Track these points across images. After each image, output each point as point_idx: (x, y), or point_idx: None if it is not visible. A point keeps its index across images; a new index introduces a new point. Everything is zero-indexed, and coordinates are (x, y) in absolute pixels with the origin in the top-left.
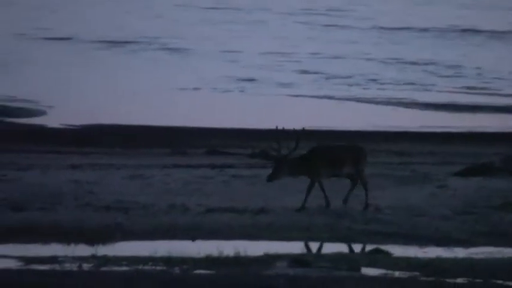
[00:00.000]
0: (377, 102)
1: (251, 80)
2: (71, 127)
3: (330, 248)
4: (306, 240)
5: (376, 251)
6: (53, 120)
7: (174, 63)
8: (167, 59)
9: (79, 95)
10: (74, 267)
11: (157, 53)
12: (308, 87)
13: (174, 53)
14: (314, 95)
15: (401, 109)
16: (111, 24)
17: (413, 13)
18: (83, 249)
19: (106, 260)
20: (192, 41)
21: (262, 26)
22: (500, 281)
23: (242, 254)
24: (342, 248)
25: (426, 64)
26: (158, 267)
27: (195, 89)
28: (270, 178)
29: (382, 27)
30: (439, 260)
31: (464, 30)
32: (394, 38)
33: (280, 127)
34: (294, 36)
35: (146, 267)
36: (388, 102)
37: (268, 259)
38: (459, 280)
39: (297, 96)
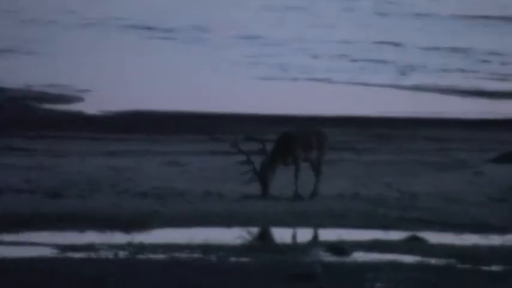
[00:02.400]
0: (414, 89)
1: (287, 65)
2: (108, 113)
3: (365, 235)
4: (342, 227)
5: (412, 238)
6: (90, 107)
7: (210, 48)
8: (204, 44)
9: (116, 81)
10: (110, 255)
11: (194, 36)
12: (344, 74)
13: (210, 38)
14: (350, 82)
15: (438, 95)
16: (148, 9)
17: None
18: (119, 237)
19: (142, 247)
20: (225, 27)
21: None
22: None
23: (278, 241)
24: (377, 235)
25: (465, 51)
26: (195, 255)
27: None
28: (265, 194)
29: (419, 14)
30: (475, 247)
31: (505, 18)
32: (431, 24)
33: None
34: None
35: (182, 255)
36: (426, 89)
37: (305, 246)
38: (495, 267)
39: (333, 83)
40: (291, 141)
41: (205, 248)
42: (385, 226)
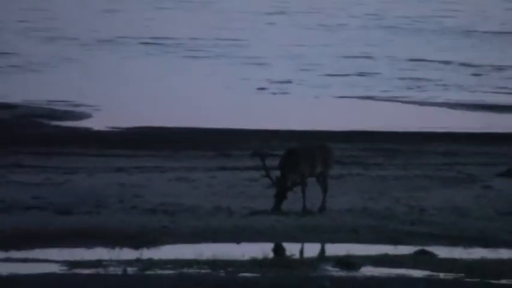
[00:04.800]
0: (421, 104)
1: (291, 81)
2: (117, 130)
3: (374, 249)
4: (352, 241)
5: (422, 252)
6: (98, 123)
7: (218, 65)
8: (212, 61)
9: (124, 97)
10: (118, 271)
11: (202, 54)
12: (348, 88)
13: (220, 54)
14: (355, 96)
15: (446, 109)
16: (157, 26)
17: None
18: (127, 253)
19: (151, 263)
20: (233, 44)
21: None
22: None
23: (287, 256)
24: (387, 249)
25: (471, 66)
26: (203, 271)
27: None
28: (278, 209)
29: (420, 29)
30: (484, 262)
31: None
32: (436, 39)
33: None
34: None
35: (191, 271)
36: (433, 103)
37: (314, 261)
38: (504, 281)
39: (339, 97)
40: (297, 157)
41: (214, 264)
42: (394, 241)
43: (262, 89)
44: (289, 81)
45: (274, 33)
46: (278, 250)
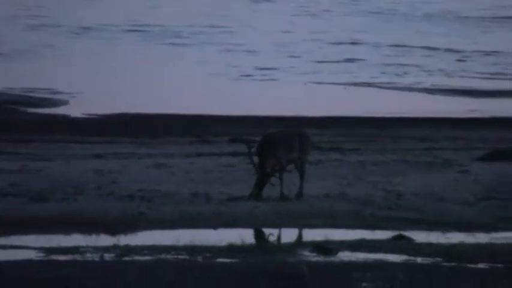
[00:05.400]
0: (400, 89)
1: (274, 68)
2: (94, 116)
3: (352, 234)
4: (329, 227)
5: (399, 237)
6: (75, 110)
7: (195, 51)
8: (189, 47)
9: (101, 84)
10: (95, 257)
11: (175, 41)
12: (329, 74)
13: (192, 42)
14: (334, 82)
15: (424, 95)
16: (133, 13)
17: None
18: (105, 239)
19: (128, 249)
20: (212, 30)
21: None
22: None
23: (265, 242)
24: (364, 234)
25: (447, 50)
26: (181, 256)
27: (216, 76)
28: (259, 195)
29: (405, 14)
30: (461, 246)
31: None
32: (420, 25)
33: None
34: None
35: (169, 256)
36: (411, 88)
37: (291, 247)
38: (481, 265)
39: (318, 83)
40: (274, 143)
41: (192, 250)
42: (372, 226)
43: (247, 76)
44: (273, 68)
45: (260, 20)
46: (255, 236)
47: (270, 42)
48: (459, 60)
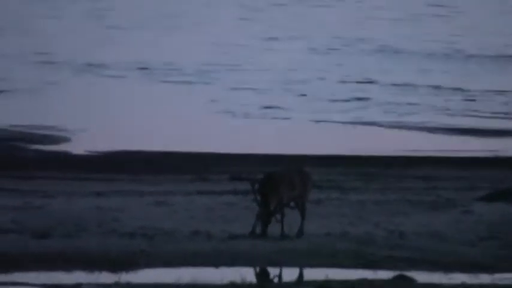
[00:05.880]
0: (401, 127)
1: (273, 107)
2: (95, 154)
3: (353, 274)
4: (330, 266)
5: (401, 277)
6: (77, 147)
7: (196, 90)
8: (190, 86)
9: (104, 121)
10: None
11: (180, 79)
12: (331, 113)
13: (197, 80)
14: (336, 121)
15: (425, 134)
16: (136, 51)
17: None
18: (106, 277)
19: (130, 287)
20: (212, 70)
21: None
22: None
23: (266, 280)
24: (366, 274)
25: (451, 89)
26: None
27: (220, 114)
28: (264, 233)
29: (395, 51)
30: (463, 286)
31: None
32: (415, 63)
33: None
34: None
35: None
36: (413, 127)
37: (292, 286)
38: None
39: (320, 121)
40: (275, 182)
41: None
42: (373, 265)
43: (247, 114)
44: (274, 107)
45: (265, 57)
46: (257, 274)
47: (276, 81)
48: (465, 100)
